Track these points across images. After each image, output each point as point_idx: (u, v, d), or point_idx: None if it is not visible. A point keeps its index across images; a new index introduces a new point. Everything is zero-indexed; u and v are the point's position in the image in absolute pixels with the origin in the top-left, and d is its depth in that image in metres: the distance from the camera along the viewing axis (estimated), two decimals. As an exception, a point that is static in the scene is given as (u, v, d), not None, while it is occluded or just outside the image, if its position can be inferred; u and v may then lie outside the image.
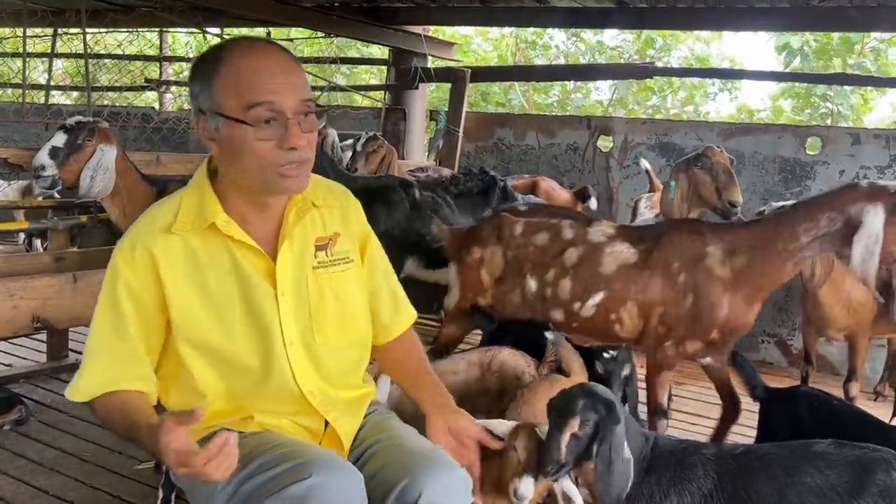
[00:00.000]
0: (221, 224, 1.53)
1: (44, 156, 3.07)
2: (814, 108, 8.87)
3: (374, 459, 1.63)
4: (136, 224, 1.58)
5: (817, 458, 1.74)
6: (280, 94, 1.48)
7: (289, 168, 1.50)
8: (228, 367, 1.57)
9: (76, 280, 3.61)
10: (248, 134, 1.48)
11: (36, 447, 3.11)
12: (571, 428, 1.72)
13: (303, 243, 1.62)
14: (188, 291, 1.54)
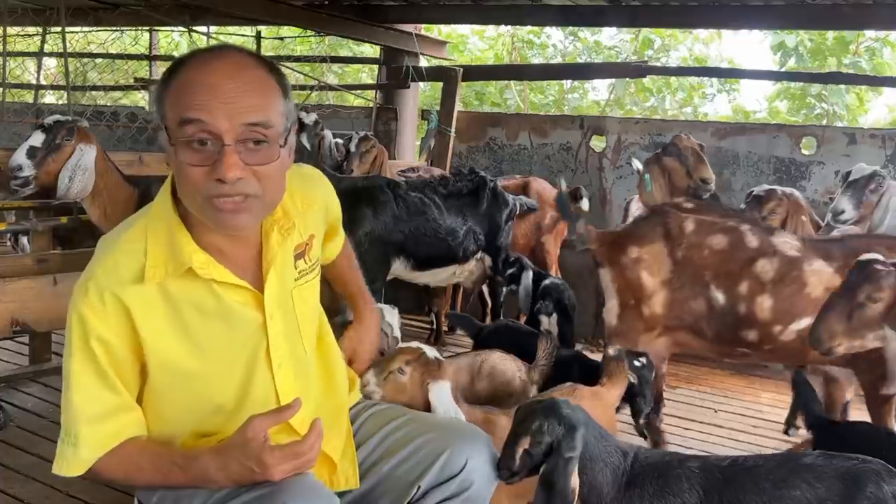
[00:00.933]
0: (200, 267, 1.37)
1: (21, 156, 3.01)
2: (809, 108, 8.83)
3: (402, 444, 1.61)
4: (95, 270, 1.38)
5: (806, 470, 1.68)
6: (214, 114, 1.27)
7: (224, 202, 1.30)
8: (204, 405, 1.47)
9: (56, 283, 3.55)
10: (179, 154, 1.30)
11: (13, 453, 3.06)
12: (523, 445, 1.68)
13: (285, 261, 1.52)
14: (167, 337, 1.40)
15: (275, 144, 1.34)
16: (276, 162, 1.35)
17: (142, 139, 5.67)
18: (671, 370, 4.43)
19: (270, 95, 1.34)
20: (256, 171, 1.32)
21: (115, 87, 6.74)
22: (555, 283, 3.77)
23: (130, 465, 1.40)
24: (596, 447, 1.76)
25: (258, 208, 1.37)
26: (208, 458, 1.35)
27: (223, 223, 1.35)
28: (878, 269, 2.05)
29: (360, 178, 4.14)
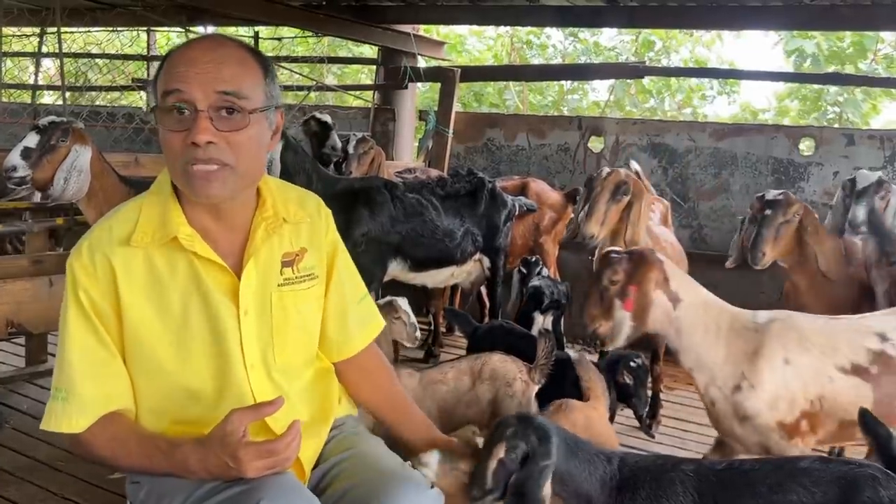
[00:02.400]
0: (184, 238, 1.43)
1: (15, 157, 2.98)
2: (821, 112, 8.77)
3: (340, 479, 1.56)
4: (92, 232, 1.48)
5: (803, 474, 1.66)
6: (190, 84, 1.36)
7: (197, 169, 1.37)
8: (180, 392, 1.48)
9: (52, 284, 3.53)
10: (163, 121, 1.39)
11: (8, 455, 3.06)
12: (498, 455, 1.65)
13: (269, 260, 1.54)
14: (145, 309, 1.45)
15: (247, 116, 1.40)
16: (247, 130, 1.40)
17: (138, 140, 5.66)
18: (669, 372, 4.42)
19: (247, 69, 1.42)
20: (228, 139, 1.38)
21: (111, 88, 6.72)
22: (546, 282, 3.76)
23: (118, 443, 1.44)
24: (574, 458, 1.74)
25: (231, 178, 1.41)
26: (189, 449, 1.38)
27: (197, 190, 1.40)
28: (613, 256, 2.28)
29: (357, 179, 4.13)
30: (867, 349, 2.25)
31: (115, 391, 1.46)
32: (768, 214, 3.17)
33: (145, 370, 1.48)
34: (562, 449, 1.73)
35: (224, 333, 1.48)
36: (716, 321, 2.26)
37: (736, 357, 2.21)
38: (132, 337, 1.46)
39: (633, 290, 2.20)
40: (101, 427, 1.43)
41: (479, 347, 2.86)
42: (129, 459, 1.45)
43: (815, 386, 2.19)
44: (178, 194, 1.48)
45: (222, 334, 1.48)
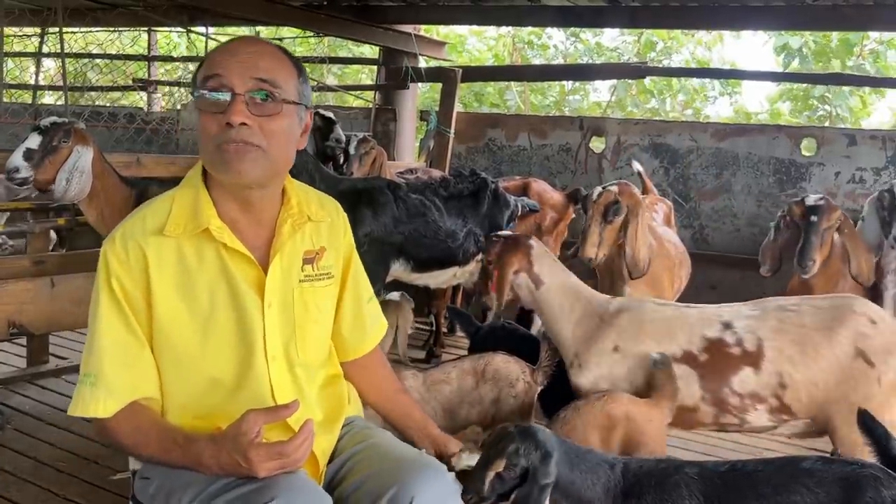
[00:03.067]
0: (215, 229, 1.49)
1: (18, 158, 2.98)
2: (811, 110, 8.80)
3: (357, 470, 1.59)
4: (126, 222, 1.54)
5: (806, 475, 1.66)
6: (230, 69, 1.45)
7: (231, 146, 1.44)
8: (201, 380, 1.52)
9: (54, 284, 3.53)
10: (201, 106, 1.47)
11: (10, 456, 3.05)
12: (497, 468, 1.65)
13: (292, 255, 1.60)
14: (174, 297, 1.49)
15: (280, 104, 1.48)
16: (279, 118, 1.48)
17: (139, 140, 5.66)
18: (671, 372, 4.42)
19: (282, 65, 1.51)
20: (262, 125, 1.46)
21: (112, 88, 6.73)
22: None
23: (141, 434, 1.48)
24: (576, 469, 1.74)
25: (262, 160, 1.47)
26: (204, 445, 1.41)
27: (230, 166, 1.46)
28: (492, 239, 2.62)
29: (360, 180, 4.12)
30: (703, 337, 2.35)
31: (143, 378, 1.51)
32: (814, 221, 3.10)
33: (170, 357, 1.52)
34: (563, 462, 1.73)
35: (249, 324, 1.52)
36: (571, 304, 2.47)
37: (577, 338, 2.43)
38: (160, 324, 1.50)
39: (495, 273, 2.49)
40: (127, 416, 1.48)
41: (481, 348, 2.85)
42: (148, 450, 1.49)
43: (642, 373, 2.33)
44: (208, 188, 1.54)
45: (247, 325, 1.52)
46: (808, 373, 2.27)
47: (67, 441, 3.26)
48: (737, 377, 2.31)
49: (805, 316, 2.34)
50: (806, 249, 3.10)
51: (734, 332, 2.35)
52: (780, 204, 4.90)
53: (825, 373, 2.27)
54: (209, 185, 1.54)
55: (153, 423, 1.49)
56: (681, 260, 4.01)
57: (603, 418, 2.25)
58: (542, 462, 1.67)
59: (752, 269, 4.93)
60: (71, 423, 3.44)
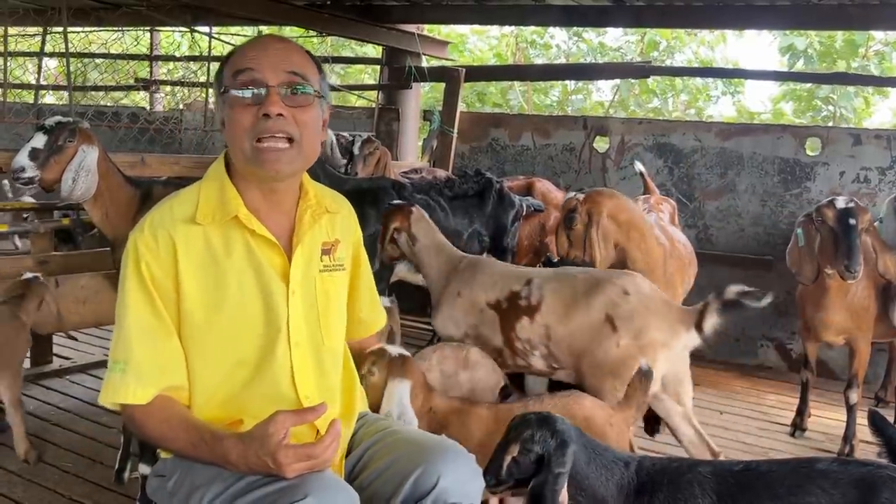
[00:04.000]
0: (244, 217, 1.53)
1: (23, 157, 2.96)
2: (815, 111, 8.78)
3: (379, 457, 1.62)
4: (153, 213, 1.56)
5: (821, 476, 1.66)
6: (262, 63, 1.50)
7: (267, 146, 1.49)
8: (224, 363, 1.55)
9: (59, 285, 3.53)
10: (234, 101, 1.50)
11: (14, 458, 3.03)
12: (512, 452, 1.70)
13: (312, 245, 1.64)
14: (202, 282, 1.52)
15: (311, 96, 1.54)
16: (311, 109, 1.54)
17: (143, 140, 5.64)
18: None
19: (308, 61, 1.58)
20: (295, 115, 1.51)
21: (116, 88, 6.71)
22: None
23: (169, 427, 1.50)
24: (592, 463, 1.74)
25: (297, 155, 1.53)
26: (231, 444, 1.42)
27: (266, 165, 1.51)
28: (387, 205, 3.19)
29: (365, 180, 4.12)
30: (510, 290, 2.77)
31: (171, 364, 1.52)
32: (853, 224, 3.11)
33: (196, 342, 1.54)
34: (580, 455, 1.73)
35: (275, 310, 1.56)
36: (437, 258, 3.00)
37: (438, 285, 2.96)
38: (189, 309, 1.52)
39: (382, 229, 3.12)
40: (157, 408, 1.50)
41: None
42: (176, 444, 1.51)
43: (472, 315, 2.82)
44: (232, 179, 1.58)
45: (273, 311, 1.56)
46: (566, 329, 2.66)
47: (72, 441, 3.25)
48: (519, 324, 2.72)
49: (578, 282, 2.71)
50: (853, 254, 3.08)
51: (529, 288, 2.75)
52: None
53: (579, 331, 2.63)
54: (232, 175, 1.59)
55: (182, 419, 1.51)
56: (690, 260, 4.01)
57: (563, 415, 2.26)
58: (558, 450, 1.68)
59: (756, 268, 4.95)
60: (76, 424, 3.44)
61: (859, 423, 3.53)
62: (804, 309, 3.57)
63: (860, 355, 3.47)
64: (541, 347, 2.72)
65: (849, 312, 3.38)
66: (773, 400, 4.36)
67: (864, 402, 3.65)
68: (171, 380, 1.53)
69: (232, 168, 1.60)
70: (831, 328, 3.43)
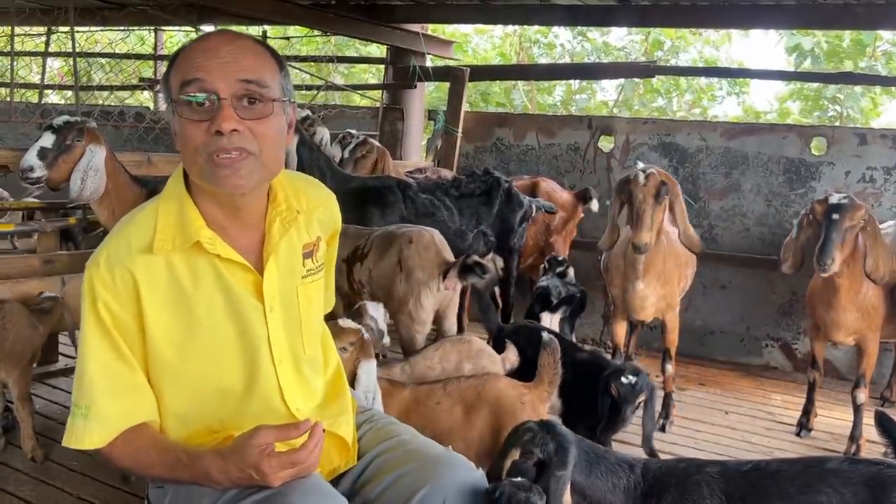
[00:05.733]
0: (206, 241, 1.42)
1: (32, 157, 2.98)
2: (822, 110, 8.76)
3: (386, 469, 1.58)
4: (109, 242, 1.44)
5: (832, 475, 1.66)
6: (212, 73, 1.34)
7: (223, 159, 1.35)
8: (209, 391, 1.49)
9: (65, 283, 3.53)
10: (182, 115, 1.36)
11: (21, 456, 3.04)
12: (513, 456, 1.69)
13: (290, 254, 1.54)
14: (169, 315, 1.43)
15: (269, 104, 1.39)
16: (270, 119, 1.39)
17: (149, 139, 5.65)
18: (680, 372, 4.41)
19: (264, 61, 1.41)
20: (252, 128, 1.37)
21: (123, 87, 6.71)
22: (554, 281, 3.73)
23: (142, 454, 1.43)
24: (595, 469, 1.74)
25: (256, 168, 1.39)
26: (210, 460, 1.37)
27: (222, 181, 1.37)
28: None
29: (371, 178, 4.12)
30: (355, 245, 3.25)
31: (137, 405, 1.44)
32: (836, 219, 3.12)
33: (172, 376, 1.46)
34: (581, 460, 1.73)
35: (252, 331, 1.48)
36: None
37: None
38: (157, 345, 1.43)
39: None
40: (124, 441, 1.42)
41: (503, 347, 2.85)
42: (152, 470, 1.45)
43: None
44: (192, 195, 1.45)
45: (250, 332, 1.48)
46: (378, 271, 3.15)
47: (87, 448, 3.25)
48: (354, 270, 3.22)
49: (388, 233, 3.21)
50: (825, 247, 3.09)
51: (366, 241, 3.22)
52: (789, 203, 4.89)
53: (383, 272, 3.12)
54: (192, 191, 1.45)
55: (153, 445, 1.43)
56: (687, 259, 4.01)
57: (471, 395, 2.37)
58: (558, 453, 1.68)
59: (761, 268, 4.94)
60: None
61: (865, 423, 3.53)
62: (813, 309, 3.57)
63: (869, 355, 3.46)
64: (368, 288, 3.19)
65: (859, 312, 3.37)
66: (778, 400, 4.36)
67: (870, 402, 3.64)
68: (137, 419, 1.44)
69: (191, 182, 1.45)
70: (842, 328, 3.42)
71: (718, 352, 5.10)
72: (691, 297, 4.79)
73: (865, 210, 3.21)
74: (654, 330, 5.02)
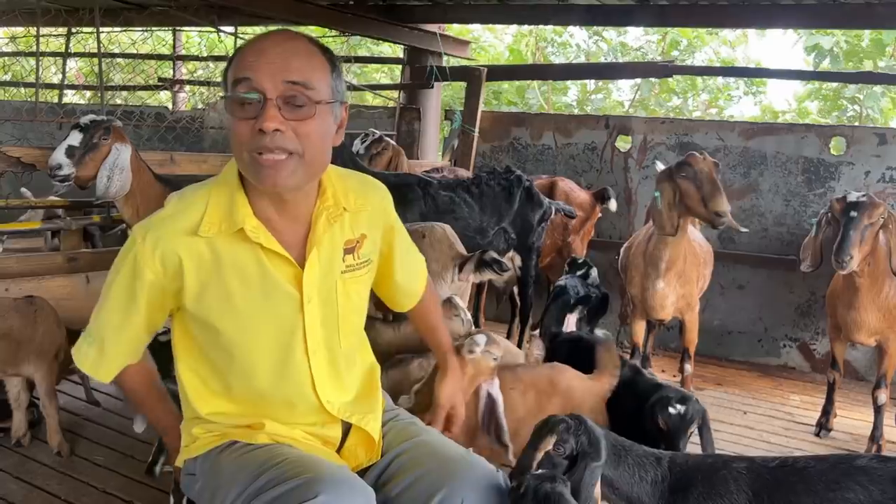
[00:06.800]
0: (250, 230, 1.47)
1: (60, 155, 3.03)
2: (841, 110, 8.69)
3: (406, 469, 1.60)
4: (157, 220, 1.51)
5: (860, 472, 1.66)
6: (260, 72, 1.39)
7: (265, 158, 1.40)
8: (244, 369, 1.54)
9: (89, 281, 3.58)
10: (233, 111, 1.42)
11: (47, 451, 3.08)
12: (546, 446, 1.69)
13: (331, 248, 1.58)
14: (210, 296, 1.49)
15: (314, 105, 1.42)
16: (313, 120, 1.43)
17: (170, 139, 5.70)
18: (697, 371, 4.41)
19: (314, 63, 1.45)
20: (295, 129, 1.41)
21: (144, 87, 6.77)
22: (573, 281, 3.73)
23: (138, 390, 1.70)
24: (623, 462, 1.75)
25: (299, 167, 1.43)
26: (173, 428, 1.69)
27: (264, 179, 1.42)
28: None
29: (392, 175, 4.13)
30: None
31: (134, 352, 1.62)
32: (854, 217, 3.13)
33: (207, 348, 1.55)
34: (610, 453, 1.74)
35: (288, 320, 1.52)
36: None
37: None
38: (192, 315, 1.51)
39: None
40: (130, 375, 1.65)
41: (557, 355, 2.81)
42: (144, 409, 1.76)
43: None
44: (244, 184, 1.50)
45: (286, 321, 1.52)
46: None
47: (103, 435, 3.29)
48: None
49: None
50: (843, 244, 3.10)
51: None
52: (808, 203, 4.87)
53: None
54: (243, 182, 1.51)
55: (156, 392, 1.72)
56: (706, 259, 4.01)
57: (545, 383, 2.40)
58: (591, 445, 1.68)
59: (779, 268, 4.92)
60: (105, 419, 3.48)
61: (886, 424, 3.52)
62: (834, 309, 3.56)
63: (891, 356, 3.45)
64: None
65: (881, 312, 3.36)
66: (797, 400, 4.35)
67: (890, 403, 3.63)
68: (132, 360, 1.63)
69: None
70: (863, 329, 3.40)
71: (736, 352, 5.09)
72: (709, 297, 4.78)
73: (885, 208, 3.20)
74: (672, 330, 5.02)
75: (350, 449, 1.64)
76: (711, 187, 3.31)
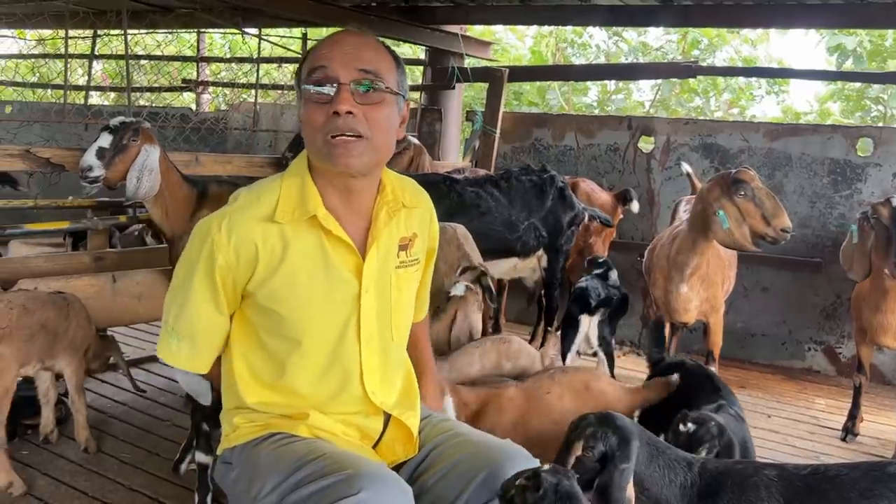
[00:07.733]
0: (322, 217, 1.55)
1: (91, 157, 3.07)
2: (864, 111, 8.58)
3: (444, 457, 1.64)
4: (231, 210, 1.57)
5: (893, 479, 1.64)
6: (335, 61, 1.51)
7: (338, 139, 1.50)
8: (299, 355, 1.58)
9: (115, 280, 3.62)
10: (307, 98, 1.52)
11: (75, 448, 3.11)
12: (576, 451, 1.71)
13: (389, 243, 1.65)
14: (277, 281, 1.55)
15: (383, 93, 1.53)
16: (382, 106, 1.54)
17: (194, 139, 5.75)
18: (721, 374, 4.37)
19: (383, 57, 1.57)
20: (366, 113, 1.51)
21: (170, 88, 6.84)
22: (593, 283, 3.72)
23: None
24: (654, 462, 1.75)
25: (367, 150, 1.53)
26: None
27: (337, 158, 1.51)
28: None
29: (418, 175, 4.14)
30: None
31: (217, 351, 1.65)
32: None
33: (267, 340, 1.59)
34: (643, 453, 1.74)
35: (345, 309, 1.59)
36: None
37: None
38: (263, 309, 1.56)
39: None
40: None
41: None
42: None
43: None
44: (313, 177, 1.59)
45: (343, 310, 1.59)
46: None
47: (128, 433, 3.33)
48: None
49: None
50: None
51: None
52: (834, 205, 4.82)
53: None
54: (312, 173, 1.60)
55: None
56: (730, 261, 3.98)
57: (581, 386, 2.45)
58: (621, 446, 1.69)
59: (803, 270, 4.87)
60: (130, 417, 3.52)
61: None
62: (860, 312, 3.52)
63: (919, 360, 3.41)
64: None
65: None
66: (822, 404, 4.31)
67: None
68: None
69: (312, 166, 1.61)
70: (890, 332, 3.37)
71: (760, 355, 5.05)
72: (733, 300, 4.74)
73: None
74: (695, 332, 4.98)
75: (388, 443, 1.68)
76: (773, 203, 3.26)
